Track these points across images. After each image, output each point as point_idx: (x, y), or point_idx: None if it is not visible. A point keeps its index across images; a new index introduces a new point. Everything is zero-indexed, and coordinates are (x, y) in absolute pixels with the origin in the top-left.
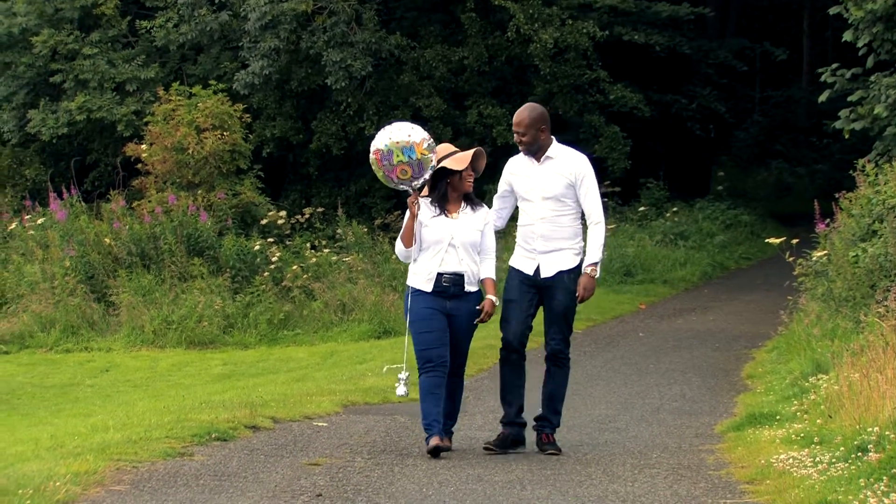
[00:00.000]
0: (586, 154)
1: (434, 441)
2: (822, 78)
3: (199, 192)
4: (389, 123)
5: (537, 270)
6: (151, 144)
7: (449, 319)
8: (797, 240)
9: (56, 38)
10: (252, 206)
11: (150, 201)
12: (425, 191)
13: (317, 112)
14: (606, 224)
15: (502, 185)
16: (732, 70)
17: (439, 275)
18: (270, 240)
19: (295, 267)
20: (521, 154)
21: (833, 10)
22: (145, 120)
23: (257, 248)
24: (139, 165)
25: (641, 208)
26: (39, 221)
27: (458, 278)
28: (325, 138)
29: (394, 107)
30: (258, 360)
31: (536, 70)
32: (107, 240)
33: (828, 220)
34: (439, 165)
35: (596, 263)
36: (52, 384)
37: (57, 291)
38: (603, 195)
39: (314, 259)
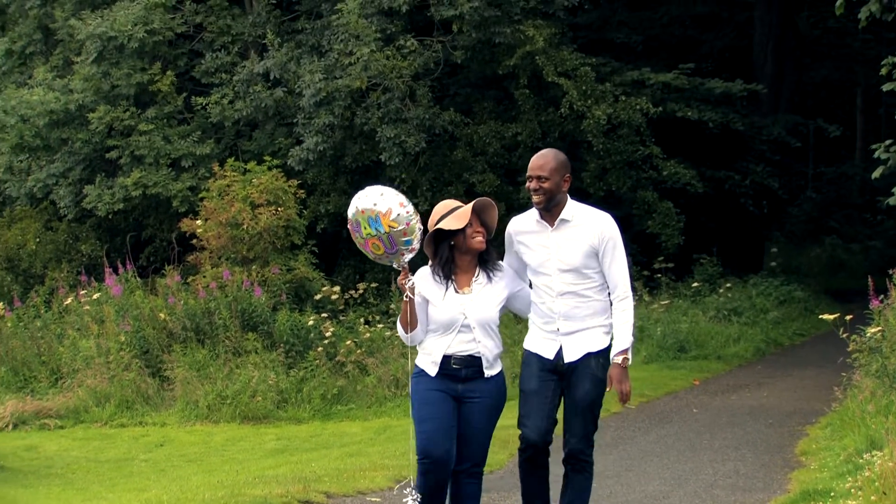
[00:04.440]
0: (613, 214)
1: None
2: (876, 154)
3: (254, 267)
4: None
5: (559, 354)
6: (206, 220)
7: (461, 407)
8: (851, 316)
9: (112, 114)
10: (306, 282)
11: (204, 276)
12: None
13: None
14: (658, 300)
15: (508, 254)
16: (786, 146)
17: (446, 357)
18: (324, 315)
19: (348, 342)
20: (528, 214)
21: (887, 87)
22: (200, 195)
23: (311, 323)
24: (194, 241)
25: (695, 284)
26: (95, 296)
27: (471, 360)
28: None
29: (447, 182)
30: (312, 435)
31: (589, 146)
32: (161, 315)
33: (882, 296)
34: (436, 227)
35: (627, 350)
36: (107, 459)
37: (112, 366)
38: (656, 271)
39: (368, 334)
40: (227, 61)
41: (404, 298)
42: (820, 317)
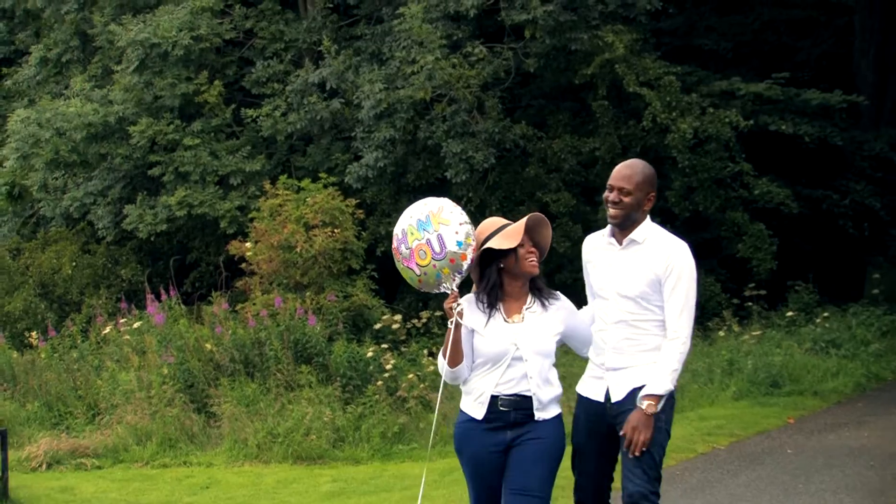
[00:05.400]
0: (688, 243)
1: None
2: None
3: (308, 293)
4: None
5: (608, 395)
6: (256, 242)
7: (510, 453)
8: None
9: (155, 127)
10: (365, 310)
11: (254, 304)
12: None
13: None
14: (749, 330)
15: (586, 273)
16: (889, 163)
17: (493, 398)
18: (384, 346)
19: (411, 375)
20: (603, 231)
21: None
22: (250, 216)
23: (370, 354)
24: (243, 265)
25: (789, 313)
26: (136, 325)
27: (521, 401)
28: None
29: (518, 202)
30: (371, 477)
31: (674, 162)
32: (208, 345)
33: None
34: (484, 247)
35: (658, 396)
36: (148, 501)
37: (154, 401)
38: (747, 299)
39: (431, 367)
40: (280, 70)
41: (449, 325)
42: None
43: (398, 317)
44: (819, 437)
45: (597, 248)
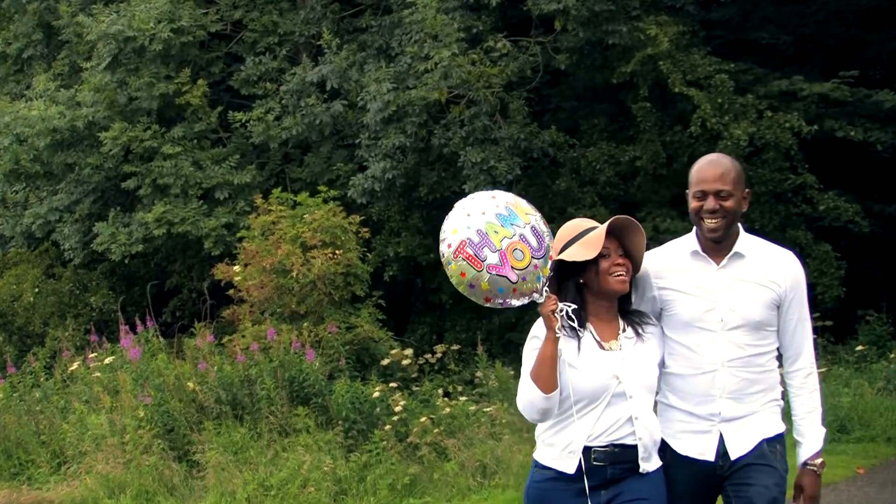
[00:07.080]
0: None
1: None
2: None
3: (305, 324)
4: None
5: (722, 451)
6: (246, 265)
7: None
8: None
9: (130, 133)
10: (370, 343)
11: (243, 336)
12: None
13: None
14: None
15: (639, 304)
16: None
17: (587, 449)
18: (393, 385)
19: (423, 419)
20: (673, 247)
21: None
22: (239, 235)
23: (377, 395)
24: (231, 291)
25: (859, 347)
26: (107, 361)
27: (621, 453)
28: None
29: (548, 218)
30: None
31: None
32: (190, 384)
33: None
34: (557, 258)
35: (821, 451)
36: None
37: (128, 448)
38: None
39: (447, 409)
40: (274, 67)
41: (558, 330)
42: None
43: (409, 351)
44: (893, 490)
45: (676, 270)
